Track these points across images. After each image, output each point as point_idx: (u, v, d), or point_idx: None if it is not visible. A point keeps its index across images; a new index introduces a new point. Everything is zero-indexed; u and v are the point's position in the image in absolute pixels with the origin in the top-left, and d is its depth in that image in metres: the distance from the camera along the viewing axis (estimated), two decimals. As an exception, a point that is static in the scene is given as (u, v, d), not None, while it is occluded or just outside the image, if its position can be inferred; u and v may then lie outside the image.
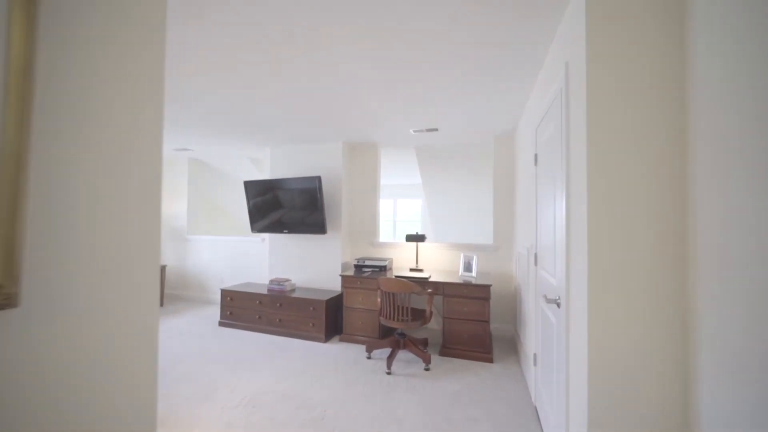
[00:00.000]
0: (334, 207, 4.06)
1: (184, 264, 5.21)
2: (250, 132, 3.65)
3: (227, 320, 3.97)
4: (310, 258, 4.17)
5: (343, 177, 4.04)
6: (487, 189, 4.72)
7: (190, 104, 2.80)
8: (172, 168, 5.32)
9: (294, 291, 3.94)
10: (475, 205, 5.04)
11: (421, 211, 8.37)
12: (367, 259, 3.85)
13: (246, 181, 4.13)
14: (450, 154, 4.38)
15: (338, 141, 4.01)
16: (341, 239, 4.02)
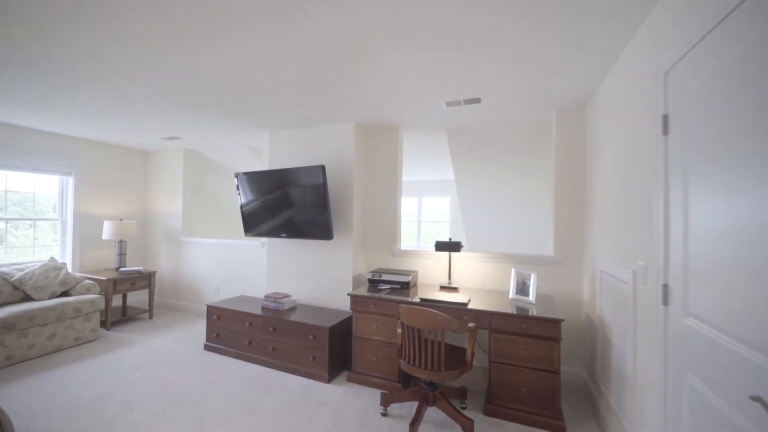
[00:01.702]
0: (343, 205, 3.22)
1: (179, 269, 4.57)
2: (237, 111, 2.88)
3: (213, 343, 3.24)
4: (313, 268, 3.37)
5: (354, 167, 3.20)
6: (542, 182, 3.72)
7: (154, 72, 2.05)
8: (165, 161, 4.70)
9: (293, 310, 3.14)
10: (522, 203, 4.04)
11: (449, 211, 7.39)
12: (384, 272, 2.99)
13: (237, 174, 3.37)
14: (492, 136, 3.42)
15: (349, 122, 3.17)
16: (352, 246, 3.18)
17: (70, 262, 4.03)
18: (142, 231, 4.79)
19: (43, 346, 3.07)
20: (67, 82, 2.33)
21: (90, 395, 2.41)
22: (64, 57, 1.96)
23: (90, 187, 4.20)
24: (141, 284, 4.05)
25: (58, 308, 3.15)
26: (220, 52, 1.89)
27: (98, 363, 2.92)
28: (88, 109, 2.92)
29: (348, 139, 3.21)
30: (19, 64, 2.05)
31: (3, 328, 2.83)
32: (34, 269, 3.32)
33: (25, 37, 1.75)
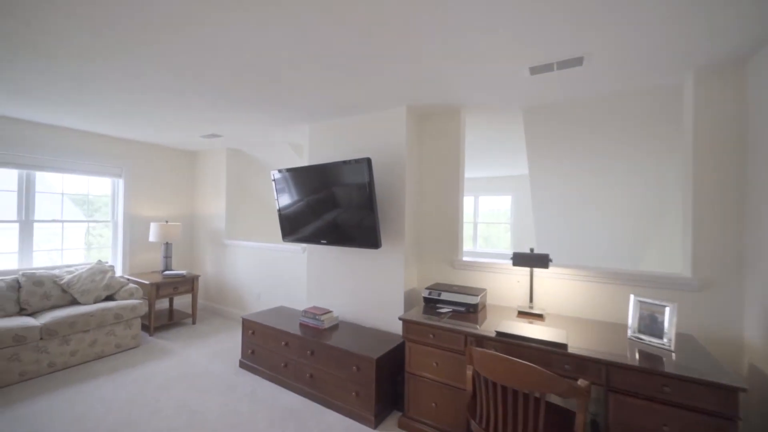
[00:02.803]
0: (392, 207, 2.68)
1: (223, 273, 4.40)
2: (272, 97, 2.48)
3: (248, 361, 2.90)
4: (357, 281, 2.87)
5: (406, 161, 2.63)
6: (655, 176, 2.82)
7: (180, 55, 1.70)
8: (210, 161, 4.57)
9: (335, 329, 2.68)
10: (620, 205, 3.15)
11: (511, 211, 6.50)
12: (444, 289, 2.39)
13: (273, 172, 3.00)
14: (587, 115, 2.63)
15: (399, 105, 2.61)
16: (404, 255, 2.62)
17: (120, 264, 4.02)
18: (188, 233, 4.72)
19: (85, 353, 2.97)
20: (97, 74, 2.09)
21: (110, 423, 2.16)
22: (96, 47, 1.68)
23: (139, 189, 4.17)
24: (184, 289, 3.91)
25: (99, 314, 3.03)
26: (249, 21, 1.45)
27: (130, 378, 2.72)
28: (114, 106, 2.73)
29: (398, 127, 2.65)
30: (48, 54, 1.82)
31: (46, 335, 2.74)
32: (82, 272, 3.27)
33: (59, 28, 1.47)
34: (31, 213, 3.40)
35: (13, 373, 2.60)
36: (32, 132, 3.32)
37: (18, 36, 1.68)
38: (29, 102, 2.69)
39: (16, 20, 1.55)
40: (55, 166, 3.49)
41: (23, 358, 2.64)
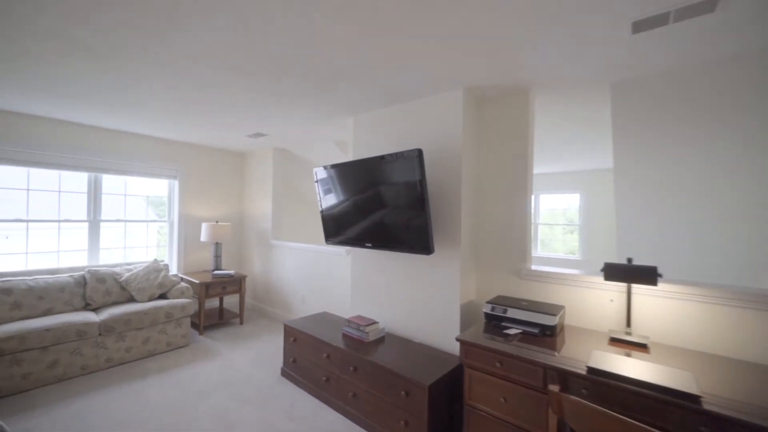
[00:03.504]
0: (447, 206, 2.33)
1: (269, 274, 4.37)
2: (314, 86, 2.27)
3: (290, 370, 2.73)
4: (406, 290, 2.55)
5: (463, 153, 2.26)
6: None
7: (213, 46, 1.56)
8: (258, 162, 4.58)
9: (381, 343, 2.39)
10: (732, 206, 2.45)
11: (580, 211, 5.73)
12: (510, 304, 1.98)
13: (316, 169, 2.80)
14: (705, 87, 2.04)
15: (455, 88, 2.25)
16: (459, 262, 2.26)
17: (175, 263, 4.15)
18: (238, 233, 4.78)
19: (139, 350, 3.03)
20: (146, 75, 2.05)
21: (151, 429, 2.09)
22: (134, 42, 1.60)
23: (192, 190, 4.29)
24: (232, 289, 3.92)
25: (151, 312, 3.09)
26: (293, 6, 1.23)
27: (175, 379, 2.69)
28: (166, 106, 2.72)
29: (453, 115, 2.29)
30: (94, 56, 1.79)
31: (104, 331, 2.83)
32: (138, 271, 3.38)
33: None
34: (98, 213, 3.61)
35: (76, 367, 2.70)
36: (98, 137, 3.52)
37: (72, 38, 1.64)
38: (89, 107, 2.79)
39: (69, 22, 1.49)
40: (118, 169, 3.68)
41: (84, 352, 2.74)
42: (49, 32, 1.65)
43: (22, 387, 2.48)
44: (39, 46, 1.79)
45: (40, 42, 1.74)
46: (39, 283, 2.89)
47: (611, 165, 4.94)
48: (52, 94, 2.51)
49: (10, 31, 1.64)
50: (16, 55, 1.89)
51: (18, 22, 1.57)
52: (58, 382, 2.62)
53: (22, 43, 1.75)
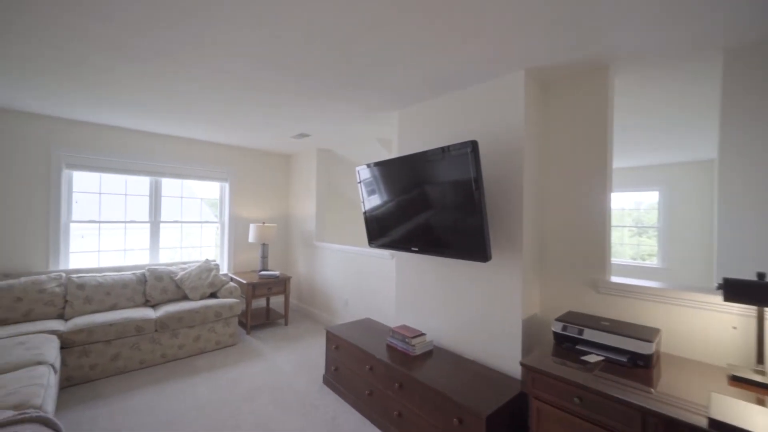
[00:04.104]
0: (506, 206, 2.03)
1: (313, 275, 4.34)
2: (355, 78, 2.12)
3: (332, 379, 2.61)
4: (459, 300, 2.29)
5: (525, 146, 1.96)
6: None
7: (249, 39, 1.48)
8: (302, 163, 4.59)
9: (428, 357, 2.16)
10: None
11: (660, 211, 4.96)
12: (588, 324, 1.65)
13: (359, 168, 2.65)
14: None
15: (515, 70, 1.96)
16: (521, 271, 1.95)
17: (226, 263, 4.29)
18: (283, 234, 4.84)
19: (191, 347, 3.13)
20: (190, 76, 2.06)
21: (196, 430, 2.07)
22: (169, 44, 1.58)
23: (240, 192, 4.41)
24: (277, 289, 3.93)
25: (201, 311, 3.17)
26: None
27: (222, 379, 2.70)
28: (214, 107, 2.75)
29: (513, 102, 2.00)
30: (134, 56, 1.82)
31: (159, 327, 2.95)
32: (192, 270, 3.51)
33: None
34: (158, 215, 3.83)
35: (135, 361, 2.84)
36: (158, 143, 3.73)
37: (119, 43, 1.67)
38: (147, 114, 2.93)
39: (115, 25, 1.50)
40: (175, 173, 3.88)
41: (142, 347, 2.87)
42: (98, 39, 1.68)
43: (90, 377, 2.64)
44: (93, 55, 1.85)
45: (93, 50, 1.79)
46: (107, 280, 3.09)
47: (702, 156, 4.18)
48: (114, 103, 2.66)
49: (65, 41, 1.70)
50: (75, 64, 1.98)
51: (74, 31, 1.61)
52: (120, 374, 2.77)
53: (79, 52, 1.82)
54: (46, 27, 1.60)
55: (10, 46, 1.78)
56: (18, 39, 1.71)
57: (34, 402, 1.68)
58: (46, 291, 2.81)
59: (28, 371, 1.96)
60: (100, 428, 2.09)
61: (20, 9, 1.46)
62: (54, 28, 1.60)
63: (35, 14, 1.50)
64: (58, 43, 1.74)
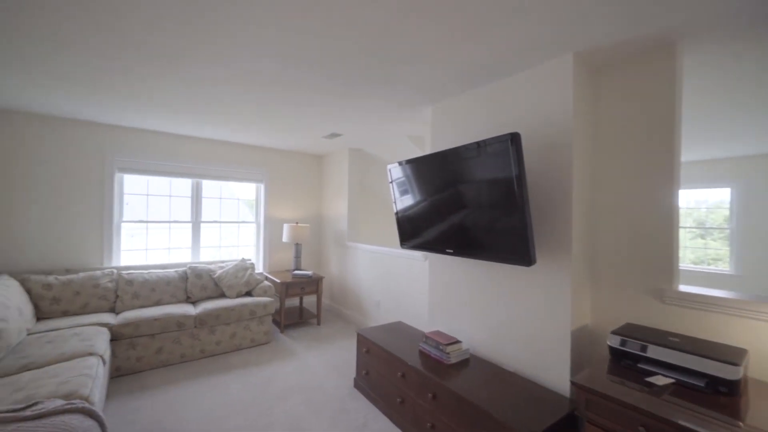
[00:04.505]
0: (551, 206, 1.84)
1: (345, 275, 4.33)
2: (384, 70, 2.03)
3: (363, 383, 2.54)
4: (498, 306, 2.13)
5: (574, 138, 1.76)
6: None
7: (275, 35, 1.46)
8: (334, 163, 4.59)
9: (464, 367, 2.02)
10: None
11: (731, 212, 4.39)
12: (653, 339, 1.43)
13: (390, 167, 2.57)
14: None
15: (562, 54, 1.77)
16: (570, 276, 1.75)
17: (261, 262, 4.40)
18: (316, 234, 4.88)
19: (227, 343, 3.21)
20: (216, 79, 2.09)
21: (229, 427, 2.09)
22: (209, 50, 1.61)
23: (275, 193, 4.50)
24: (310, 289, 3.96)
25: (237, 309, 3.25)
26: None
27: (256, 378, 2.73)
28: (237, 110, 2.80)
29: (558, 90, 1.81)
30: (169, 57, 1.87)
31: (198, 323, 3.06)
32: (229, 268, 3.61)
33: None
34: (199, 215, 4.00)
35: (176, 355, 2.96)
36: (199, 146, 3.90)
37: (155, 46, 1.71)
38: (187, 118, 3.05)
39: (153, 32, 1.54)
40: (215, 175, 4.03)
41: (183, 342, 2.99)
42: (144, 46, 1.73)
43: (136, 368, 2.79)
44: (139, 64, 1.92)
45: (134, 56, 1.86)
46: (152, 277, 3.27)
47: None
48: (159, 110, 2.79)
49: (113, 50, 1.78)
50: (121, 72, 2.08)
51: (120, 38, 1.67)
52: (163, 367, 2.90)
53: (126, 61, 1.90)
54: (105, 38, 1.67)
55: (73, 58, 1.90)
56: (78, 52, 1.81)
57: (82, 392, 1.76)
58: (100, 286, 3.02)
59: (80, 362, 2.08)
60: (143, 418, 2.17)
61: (83, 24, 1.53)
62: (111, 37, 1.67)
63: (98, 27, 1.57)
64: (110, 52, 1.82)
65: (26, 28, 1.61)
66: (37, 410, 1.47)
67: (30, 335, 2.43)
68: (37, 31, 1.65)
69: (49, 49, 1.82)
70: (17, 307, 2.41)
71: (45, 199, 3.13)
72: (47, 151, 3.14)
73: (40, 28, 1.61)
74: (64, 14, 1.50)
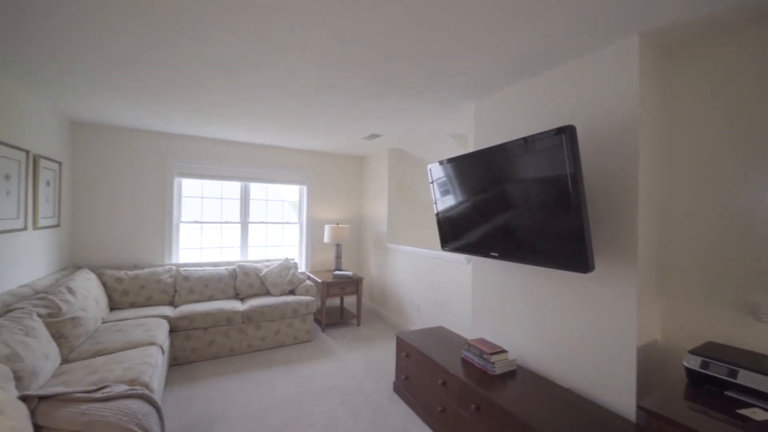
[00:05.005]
0: (612, 206, 1.65)
1: (385, 277, 4.31)
2: (425, 64, 1.97)
3: (402, 388, 2.49)
4: (549, 315, 1.96)
5: (641, 128, 1.56)
6: None
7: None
8: (374, 164, 4.60)
9: (511, 379, 1.89)
10: None
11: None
12: (742, 363, 1.21)
13: (431, 166, 2.49)
14: None
15: (625, 35, 1.58)
16: (636, 286, 1.56)
17: (303, 262, 4.53)
18: (356, 235, 4.92)
19: (272, 339, 3.34)
20: (261, 84, 2.17)
21: (272, 422, 2.15)
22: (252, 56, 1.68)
23: (317, 194, 4.61)
24: (350, 290, 3.99)
25: (281, 307, 3.36)
26: None
27: (298, 375, 2.80)
28: (292, 113, 2.88)
29: (622, 76, 1.62)
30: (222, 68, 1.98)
31: (246, 319, 3.21)
32: (274, 267, 3.76)
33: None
34: (247, 216, 4.22)
35: (226, 348, 3.13)
36: (247, 151, 4.11)
37: (210, 57, 1.82)
38: (237, 125, 3.22)
39: (207, 44, 1.63)
40: (261, 178, 4.23)
41: (232, 336, 3.15)
42: (196, 58, 1.84)
43: (190, 359, 2.99)
44: (195, 73, 2.05)
45: (194, 68, 1.98)
46: (206, 273, 3.50)
47: None
48: (211, 118, 2.97)
49: (175, 61, 1.91)
50: (183, 84, 2.24)
51: (184, 54, 1.79)
52: (214, 359, 3.08)
53: (187, 73, 2.04)
54: (167, 53, 1.81)
55: (138, 74, 2.08)
56: (145, 66, 1.99)
57: (144, 379, 1.91)
58: (161, 281, 3.29)
59: (143, 350, 2.27)
60: (195, 406, 2.31)
61: (154, 42, 1.67)
62: (170, 53, 1.81)
63: (162, 45, 1.70)
64: (171, 63, 1.97)
65: (111, 53, 1.79)
66: (106, 393, 1.61)
67: (104, 323, 2.70)
68: (113, 53, 1.82)
69: (120, 68, 2.01)
70: (94, 298, 2.69)
71: (118, 202, 3.49)
72: (120, 160, 3.49)
73: (120, 50, 1.77)
74: (139, 37, 1.64)
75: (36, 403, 1.46)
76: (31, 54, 1.88)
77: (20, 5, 1.44)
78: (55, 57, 1.91)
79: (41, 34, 1.67)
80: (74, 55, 1.88)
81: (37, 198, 2.60)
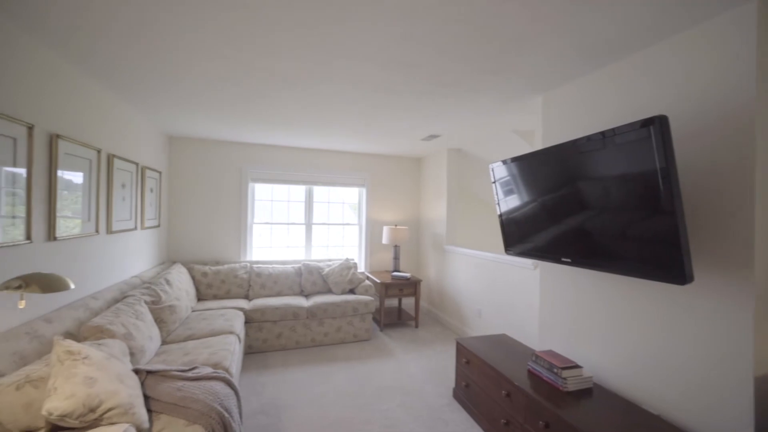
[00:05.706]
0: (716, 209, 1.40)
1: (443, 280, 4.23)
2: (488, 60, 1.89)
3: (462, 395, 2.41)
4: (633, 329, 1.73)
5: (757, 114, 1.30)
6: None
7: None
8: (432, 165, 4.54)
9: (586, 398, 1.71)
10: None
11: None
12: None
13: (493, 166, 2.37)
14: None
15: (742, 3, 1.32)
16: (751, 302, 1.29)
17: (363, 262, 4.65)
18: (414, 237, 4.91)
19: (333, 336, 3.48)
20: (323, 91, 2.29)
21: (331, 417, 2.24)
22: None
23: (376, 196, 4.70)
24: (408, 291, 3.99)
25: (342, 305, 3.49)
26: None
27: (358, 372, 2.88)
28: (351, 120, 2.97)
29: (732, 53, 1.36)
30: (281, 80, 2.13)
31: (310, 315, 3.40)
32: (335, 267, 3.93)
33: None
34: (311, 217, 4.48)
35: (292, 341, 3.36)
36: (311, 156, 4.37)
37: (275, 71, 1.97)
38: (301, 132, 3.44)
39: (275, 58, 1.78)
40: (324, 181, 4.46)
41: (297, 330, 3.37)
42: (263, 72, 2.01)
43: (262, 348, 3.26)
44: (262, 84, 2.24)
45: (264, 81, 2.17)
46: (275, 271, 3.79)
47: None
48: (278, 126, 3.22)
49: (241, 76, 2.12)
50: (251, 98, 2.46)
51: (252, 69, 1.98)
52: (282, 350, 3.32)
53: (255, 87, 2.24)
54: (245, 72, 2.02)
55: (212, 90, 2.35)
56: (235, 84, 2.24)
57: (224, 363, 2.13)
58: (238, 276, 3.65)
59: (224, 338, 2.53)
60: (267, 393, 2.51)
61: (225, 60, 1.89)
62: (243, 70, 2.01)
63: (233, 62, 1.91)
64: (237, 77, 2.19)
65: (195, 72, 2.05)
66: (196, 374, 1.84)
67: (193, 312, 3.08)
68: (196, 72, 2.07)
69: (202, 86, 2.28)
70: (185, 290, 3.09)
71: (202, 205, 3.96)
72: (203, 168, 3.97)
73: (201, 71, 2.02)
74: (216, 57, 1.85)
75: (144, 376, 1.71)
76: (143, 80, 2.23)
77: (144, 46, 1.71)
78: (164, 87, 2.24)
79: (159, 68, 1.97)
80: (177, 80, 2.18)
81: (144, 202, 3.08)
